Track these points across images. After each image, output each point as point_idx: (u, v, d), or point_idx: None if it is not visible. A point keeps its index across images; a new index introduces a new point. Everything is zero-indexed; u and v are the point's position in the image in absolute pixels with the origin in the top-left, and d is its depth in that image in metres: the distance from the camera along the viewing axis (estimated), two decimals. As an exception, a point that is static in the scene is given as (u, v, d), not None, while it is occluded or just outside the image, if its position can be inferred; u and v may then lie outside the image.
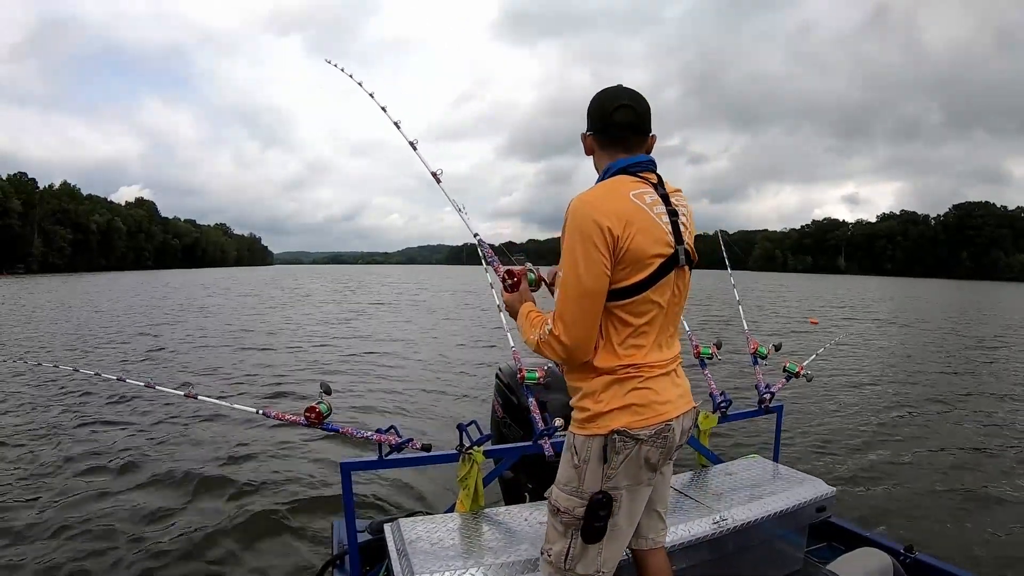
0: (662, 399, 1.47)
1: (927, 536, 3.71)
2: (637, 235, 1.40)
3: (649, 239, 1.43)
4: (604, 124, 1.53)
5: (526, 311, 1.63)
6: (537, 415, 2.33)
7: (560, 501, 1.50)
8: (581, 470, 1.47)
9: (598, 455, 1.44)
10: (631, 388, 1.45)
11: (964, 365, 10.84)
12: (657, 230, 1.44)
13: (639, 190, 1.46)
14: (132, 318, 17.22)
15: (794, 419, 6.33)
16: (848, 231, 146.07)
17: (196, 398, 2.30)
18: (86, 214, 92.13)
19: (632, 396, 1.44)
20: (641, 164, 1.53)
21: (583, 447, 1.47)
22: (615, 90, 1.55)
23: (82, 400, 6.95)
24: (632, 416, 1.43)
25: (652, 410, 1.45)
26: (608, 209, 1.40)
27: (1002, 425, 6.55)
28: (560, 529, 1.51)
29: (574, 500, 1.47)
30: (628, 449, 1.43)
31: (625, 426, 1.42)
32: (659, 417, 1.45)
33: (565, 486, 1.50)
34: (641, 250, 1.41)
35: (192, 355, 10.69)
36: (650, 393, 1.46)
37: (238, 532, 3.76)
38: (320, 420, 2.10)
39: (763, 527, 2.20)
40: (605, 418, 1.44)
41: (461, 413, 6.37)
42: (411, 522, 2.06)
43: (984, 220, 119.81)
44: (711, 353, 2.89)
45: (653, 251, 1.43)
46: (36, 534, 3.66)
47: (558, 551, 1.51)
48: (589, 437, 1.46)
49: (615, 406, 1.44)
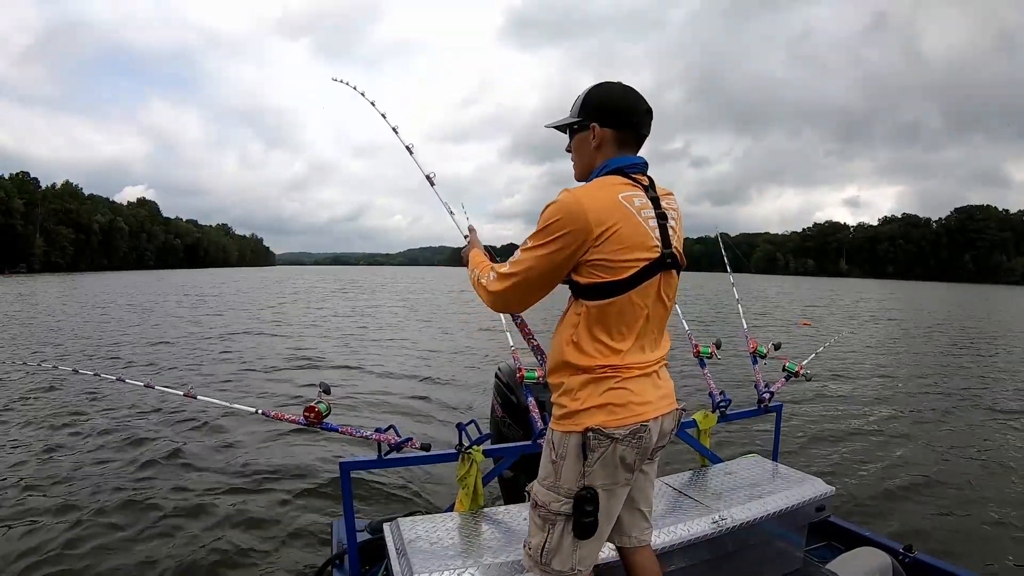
0: (640, 400, 1.47)
1: (926, 535, 3.71)
2: (615, 237, 1.41)
3: (630, 243, 1.43)
4: (626, 123, 1.54)
5: (475, 256, 1.79)
6: (536, 414, 2.33)
7: (539, 495, 1.52)
8: (558, 466, 1.48)
9: (575, 452, 1.45)
10: (608, 388, 1.45)
11: (964, 365, 10.84)
12: (640, 234, 1.44)
13: (629, 192, 1.47)
14: (132, 318, 17.24)
15: (794, 418, 6.33)
16: (849, 234, 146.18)
17: (195, 398, 2.30)
18: (88, 214, 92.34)
19: (609, 395, 1.45)
20: (636, 166, 1.54)
21: (560, 443, 1.48)
22: (634, 92, 1.55)
23: (82, 400, 6.93)
24: (607, 415, 1.44)
25: (629, 410, 1.45)
26: (592, 207, 1.40)
27: (1002, 424, 6.55)
28: (538, 523, 1.53)
29: (551, 495, 1.49)
30: (603, 447, 1.44)
31: (600, 424, 1.43)
32: (635, 417, 1.46)
33: (543, 481, 1.52)
34: (618, 252, 1.41)
35: (192, 355, 10.68)
36: (627, 393, 1.46)
37: (237, 532, 3.75)
38: (319, 420, 2.10)
39: (762, 526, 2.20)
40: (582, 415, 1.45)
41: (460, 413, 6.37)
42: (410, 521, 2.07)
43: (986, 223, 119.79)
44: (710, 353, 2.89)
45: (633, 255, 1.43)
46: (35, 534, 3.65)
47: (536, 544, 1.53)
48: (566, 434, 1.47)
49: (591, 404, 1.45)
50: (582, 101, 1.57)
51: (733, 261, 3.76)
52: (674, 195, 1.59)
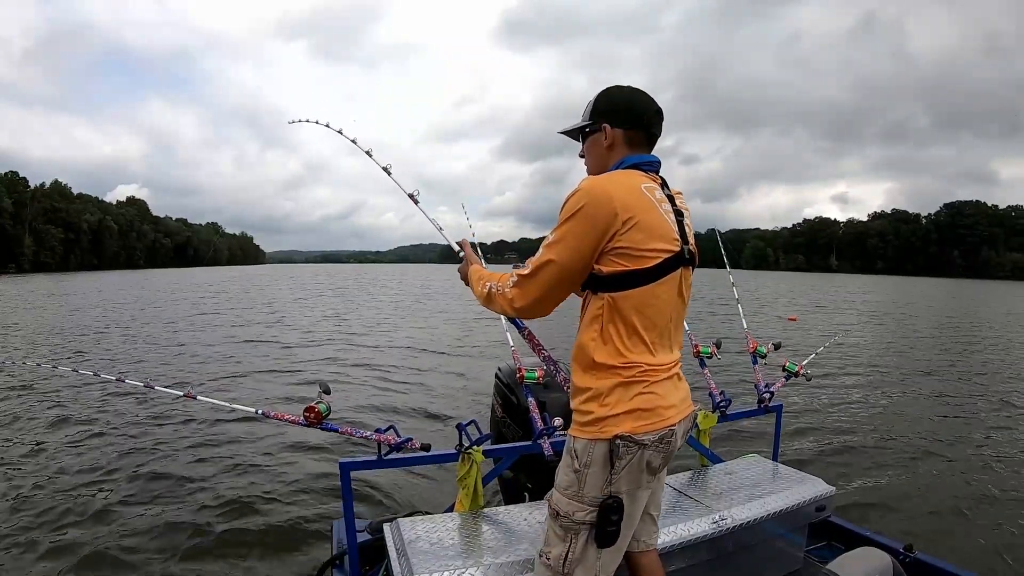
0: (666, 403, 1.45)
1: (927, 535, 3.71)
2: (640, 225, 1.39)
3: (654, 232, 1.41)
4: (637, 123, 1.54)
5: (477, 271, 1.71)
6: (536, 415, 2.32)
7: (560, 505, 1.48)
8: (582, 475, 1.44)
9: (602, 460, 1.42)
10: (637, 392, 1.42)
11: (963, 364, 10.85)
12: (663, 225, 1.43)
13: (649, 184, 1.47)
14: (129, 318, 17.12)
15: (794, 418, 6.33)
16: (839, 230, 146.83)
17: (195, 398, 2.28)
18: (77, 213, 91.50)
19: (638, 400, 1.42)
20: (652, 164, 1.54)
21: (584, 451, 1.44)
22: (643, 94, 1.56)
23: (80, 400, 6.89)
24: (636, 421, 1.41)
25: (657, 415, 1.43)
26: (616, 194, 1.39)
27: (1002, 423, 6.56)
28: (560, 533, 1.49)
29: (574, 505, 1.45)
30: (631, 454, 1.41)
31: (629, 431, 1.40)
32: (664, 422, 1.44)
33: (565, 490, 1.47)
34: (642, 241, 1.39)
35: (191, 355, 10.61)
36: (655, 398, 1.44)
37: (237, 532, 3.74)
38: (319, 420, 2.09)
39: (763, 526, 2.20)
40: (609, 422, 1.41)
41: (460, 413, 6.34)
42: (410, 522, 2.06)
43: (975, 219, 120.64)
44: (710, 352, 2.89)
45: (657, 244, 1.41)
46: (33, 534, 3.63)
47: (557, 555, 1.49)
48: (592, 441, 1.43)
49: (620, 410, 1.41)
50: (592, 105, 1.57)
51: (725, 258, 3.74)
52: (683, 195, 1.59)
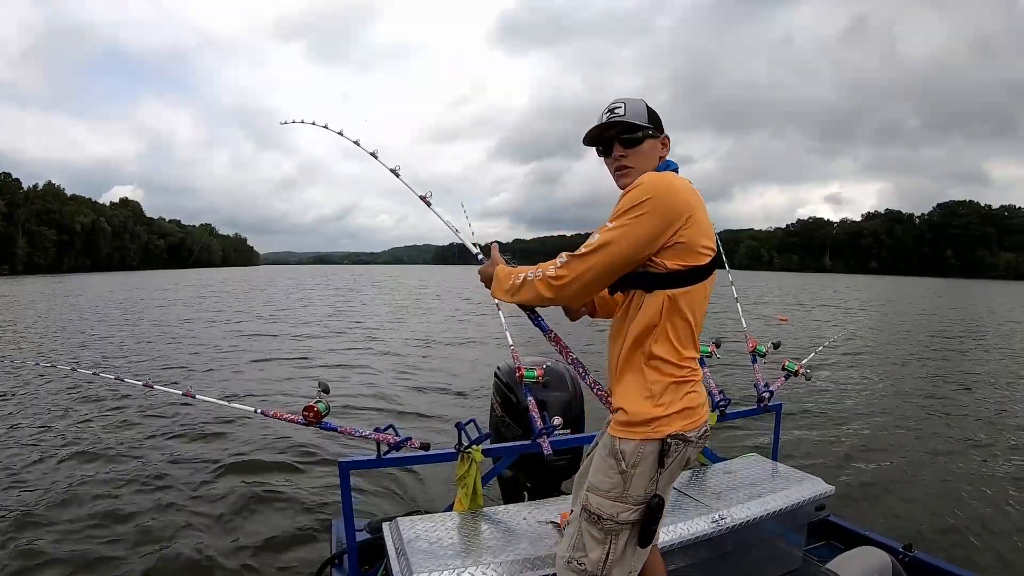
0: (703, 400, 1.51)
1: (926, 535, 3.72)
2: (697, 222, 1.43)
3: (706, 231, 1.47)
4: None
5: (505, 268, 1.60)
6: (536, 414, 2.32)
7: (604, 508, 1.47)
8: (628, 475, 1.44)
9: (652, 460, 1.43)
10: (686, 392, 1.47)
11: (963, 364, 10.87)
12: (709, 225, 1.49)
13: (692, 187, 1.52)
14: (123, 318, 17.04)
15: (793, 418, 6.34)
16: (833, 230, 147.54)
17: (194, 397, 2.27)
18: (71, 214, 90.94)
19: (687, 399, 1.46)
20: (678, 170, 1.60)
21: (634, 452, 1.44)
22: None
23: (80, 400, 6.85)
24: (684, 420, 1.45)
25: (699, 412, 1.48)
26: (681, 189, 1.45)
27: (1001, 423, 6.58)
28: (599, 536, 1.48)
29: (619, 506, 1.46)
30: (678, 452, 1.45)
31: (680, 430, 1.44)
32: (702, 419, 1.49)
33: (608, 492, 1.47)
34: (698, 238, 1.44)
35: (190, 355, 10.58)
36: (697, 396, 1.49)
37: (236, 531, 3.74)
38: (318, 419, 2.08)
39: (762, 526, 2.20)
40: (663, 422, 1.43)
41: (460, 412, 6.33)
42: (409, 521, 2.06)
43: (968, 219, 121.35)
44: (710, 352, 2.89)
45: (707, 243, 1.47)
46: (32, 534, 3.61)
47: (595, 558, 1.48)
48: (643, 442, 1.44)
49: (673, 410, 1.44)
50: (647, 112, 1.58)
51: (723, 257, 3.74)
52: None
